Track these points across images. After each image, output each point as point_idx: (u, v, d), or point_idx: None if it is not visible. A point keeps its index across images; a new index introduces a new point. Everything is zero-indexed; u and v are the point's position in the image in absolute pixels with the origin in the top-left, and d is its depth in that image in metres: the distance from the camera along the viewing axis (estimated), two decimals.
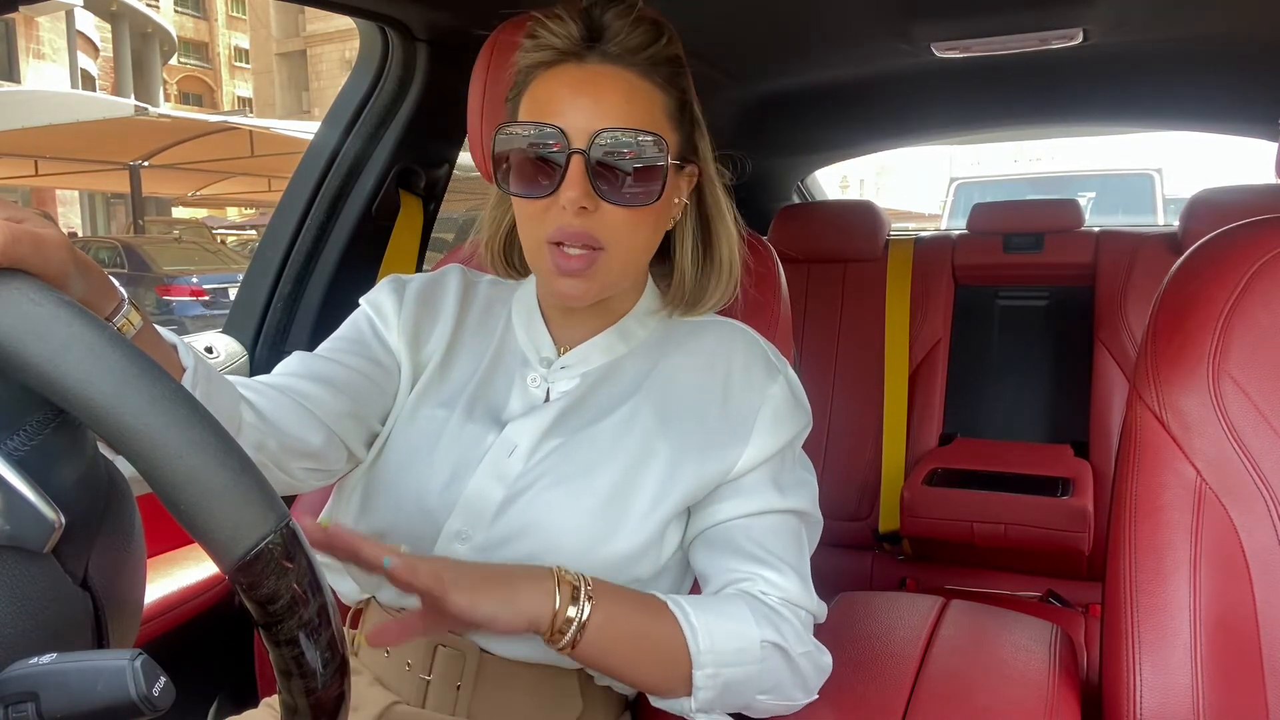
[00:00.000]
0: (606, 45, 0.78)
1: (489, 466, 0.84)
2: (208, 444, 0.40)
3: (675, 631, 0.74)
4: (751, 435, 0.82)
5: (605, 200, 0.76)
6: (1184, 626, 0.81)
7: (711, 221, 0.88)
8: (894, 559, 2.17)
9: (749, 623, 0.76)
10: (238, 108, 33.28)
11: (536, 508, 0.80)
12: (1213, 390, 0.84)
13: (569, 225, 0.76)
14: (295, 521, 0.42)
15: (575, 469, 0.82)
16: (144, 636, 1.13)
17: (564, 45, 0.78)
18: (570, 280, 0.79)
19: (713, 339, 0.89)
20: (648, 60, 0.79)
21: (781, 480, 0.84)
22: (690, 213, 0.87)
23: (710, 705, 0.76)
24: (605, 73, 0.78)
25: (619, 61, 0.78)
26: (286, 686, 0.43)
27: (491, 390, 0.89)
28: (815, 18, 1.58)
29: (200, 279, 10.84)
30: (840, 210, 2.46)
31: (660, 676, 0.75)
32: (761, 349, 0.88)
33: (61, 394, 0.39)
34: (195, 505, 0.40)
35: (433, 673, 0.83)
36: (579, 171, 0.75)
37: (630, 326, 0.90)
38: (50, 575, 0.41)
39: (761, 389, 0.84)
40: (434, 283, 0.96)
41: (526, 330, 0.91)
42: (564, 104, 0.77)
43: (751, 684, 0.77)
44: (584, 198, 0.75)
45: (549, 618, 0.70)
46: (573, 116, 0.76)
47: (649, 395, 0.85)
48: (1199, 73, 1.90)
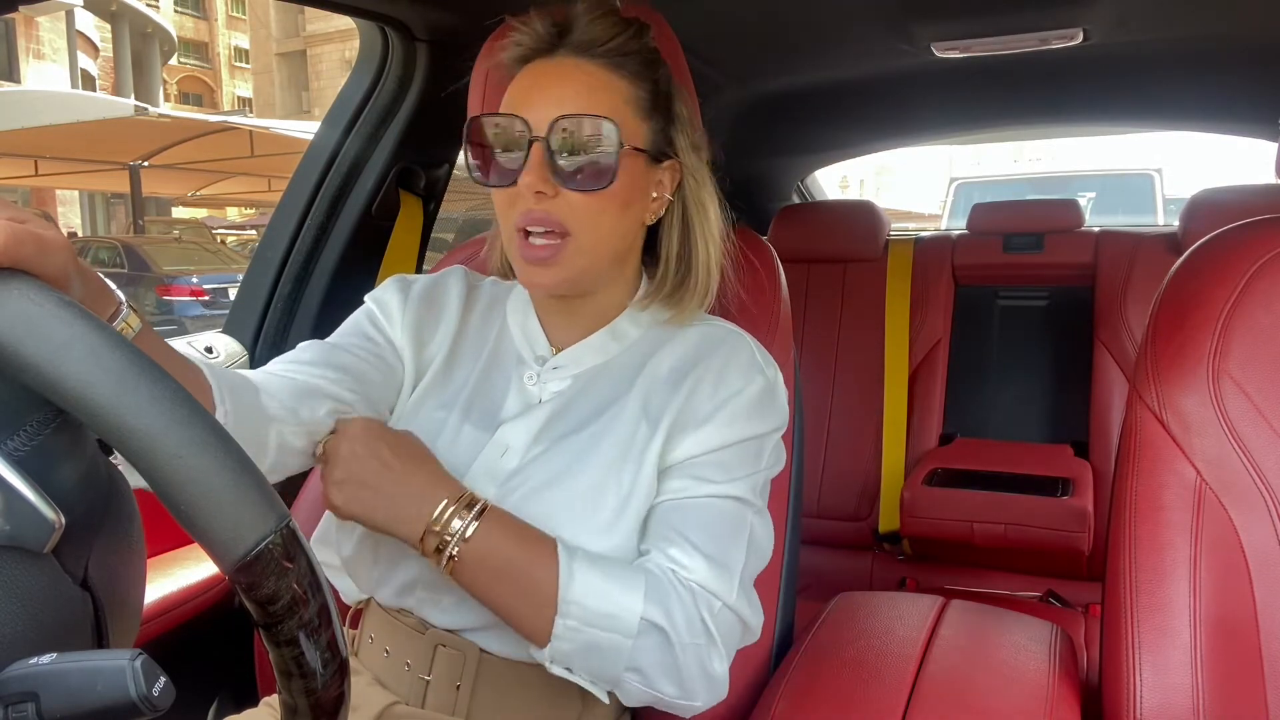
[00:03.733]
0: (572, 39, 0.81)
1: (482, 467, 0.84)
2: (207, 444, 0.40)
3: (553, 575, 0.74)
4: (706, 424, 0.82)
5: (564, 186, 0.79)
6: (1184, 626, 0.81)
7: (690, 221, 0.88)
8: (894, 559, 2.17)
9: (636, 593, 0.75)
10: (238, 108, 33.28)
11: (528, 508, 0.80)
12: (1212, 390, 0.84)
13: (531, 210, 0.79)
14: (295, 521, 0.42)
15: (566, 469, 0.82)
16: (144, 636, 1.13)
17: (533, 42, 0.82)
18: (537, 268, 0.81)
19: (699, 338, 0.89)
20: (613, 51, 0.81)
21: (729, 465, 0.82)
22: (676, 210, 0.88)
23: (567, 659, 0.75)
24: (568, 65, 0.81)
25: (583, 53, 0.81)
26: (286, 686, 0.43)
27: (489, 390, 0.90)
28: (815, 18, 1.58)
29: (200, 279, 10.83)
30: (840, 210, 2.46)
31: (524, 613, 0.75)
32: (748, 350, 0.87)
33: (61, 394, 0.39)
34: (195, 505, 0.40)
35: (432, 673, 0.83)
36: (538, 158, 0.78)
37: (623, 326, 0.90)
38: (50, 575, 0.41)
39: (731, 384, 0.84)
40: (437, 284, 0.97)
41: (522, 329, 0.93)
42: (531, 96, 0.80)
43: (619, 656, 0.74)
44: (541, 182, 0.78)
45: (423, 525, 0.73)
46: (536, 107, 0.79)
47: (640, 397, 0.86)
48: (1199, 73, 1.91)
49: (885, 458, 2.17)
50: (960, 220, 2.93)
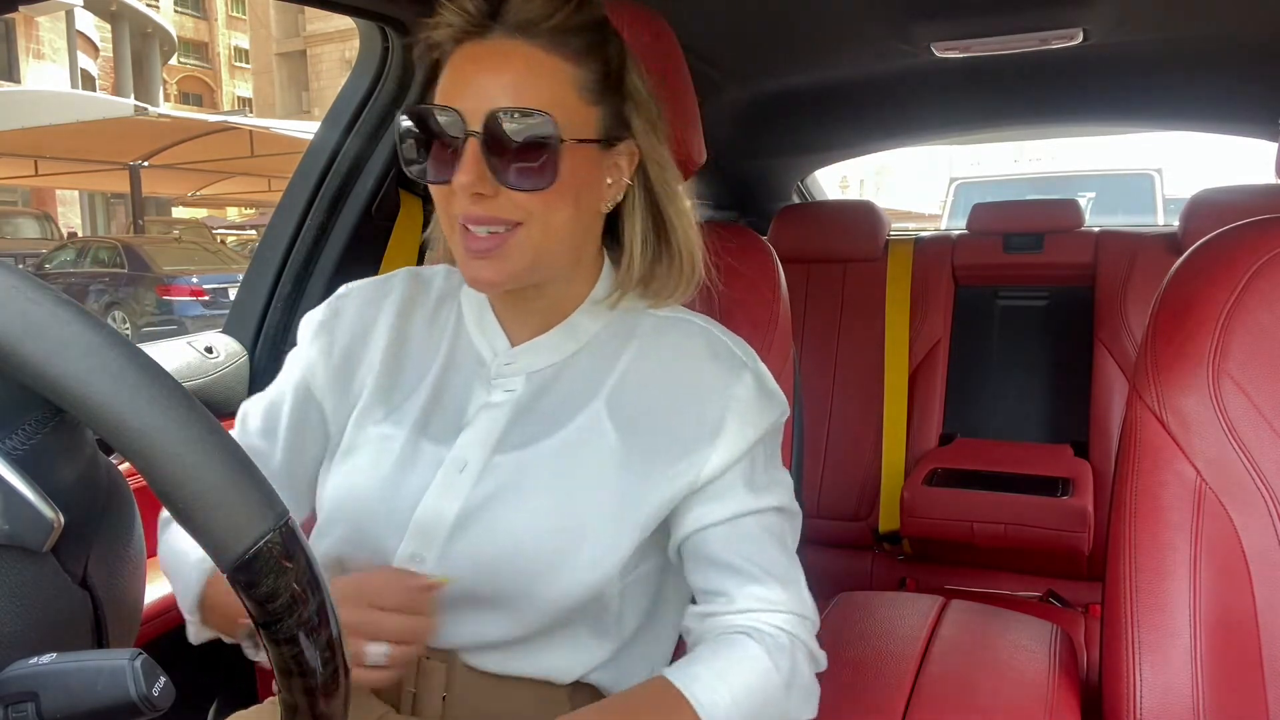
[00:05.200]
0: (507, 18, 0.73)
1: (440, 484, 0.79)
2: (206, 442, 0.40)
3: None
4: (718, 439, 0.77)
5: (503, 185, 0.72)
6: (1184, 626, 0.80)
7: (660, 203, 0.82)
8: (894, 559, 2.17)
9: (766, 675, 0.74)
10: (238, 108, 33.26)
11: (493, 527, 0.76)
12: (1212, 390, 0.84)
13: (470, 212, 0.73)
14: (293, 519, 0.42)
15: (533, 484, 0.77)
16: (144, 636, 1.13)
17: (464, 22, 0.73)
18: (481, 262, 0.74)
19: (673, 339, 0.83)
20: (553, 30, 0.73)
21: (755, 480, 0.79)
22: (637, 194, 0.81)
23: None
24: (504, 47, 0.72)
25: (520, 34, 0.72)
26: (286, 685, 0.43)
27: (448, 398, 0.83)
28: (815, 18, 1.58)
29: (200, 279, 10.83)
30: (840, 210, 2.46)
31: None
32: (725, 345, 0.82)
33: (59, 393, 0.39)
34: (193, 503, 0.39)
35: (418, 685, 0.82)
36: (473, 155, 0.71)
37: (579, 321, 0.83)
38: (49, 574, 0.41)
39: (725, 389, 0.79)
40: (375, 295, 0.90)
41: (479, 326, 0.86)
42: (464, 84, 0.73)
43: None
44: (479, 183, 0.71)
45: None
46: (470, 97, 0.72)
47: (610, 402, 0.80)
48: (1199, 73, 1.90)
49: (885, 458, 2.17)
50: (960, 220, 2.93)
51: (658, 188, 0.81)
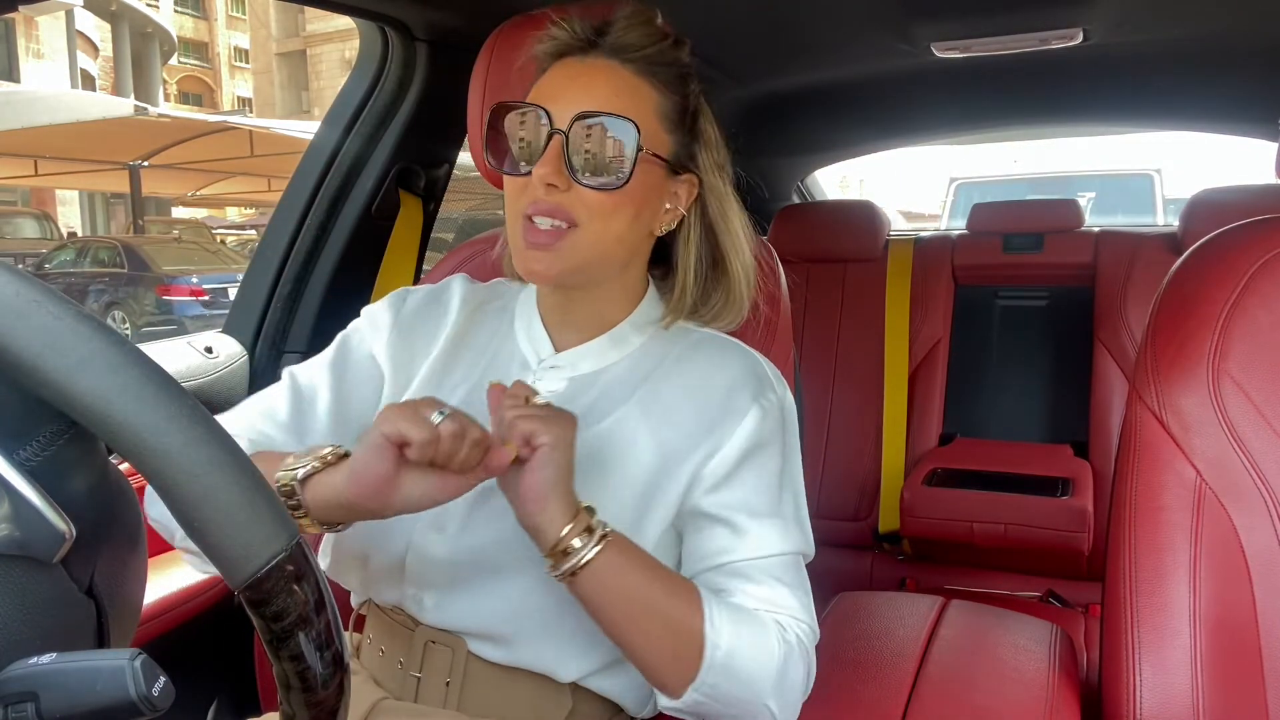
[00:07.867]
0: (606, 41, 0.82)
1: None
2: (224, 463, 0.40)
3: (695, 624, 0.74)
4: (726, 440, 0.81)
5: (576, 181, 0.78)
6: (1184, 627, 0.81)
7: (717, 235, 0.87)
8: (894, 559, 2.17)
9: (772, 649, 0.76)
10: (238, 108, 33.27)
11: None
12: (1212, 390, 0.84)
13: (540, 200, 0.79)
14: (304, 539, 0.43)
15: None
16: (144, 636, 1.13)
17: (569, 39, 0.83)
18: (537, 253, 0.80)
19: (708, 354, 0.87)
20: (646, 59, 0.82)
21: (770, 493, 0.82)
22: (694, 224, 0.87)
23: (695, 709, 0.76)
24: (600, 65, 0.81)
25: (616, 56, 0.81)
26: (287, 698, 0.43)
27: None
28: (815, 18, 1.58)
29: (200, 279, 10.82)
30: (840, 210, 2.46)
31: (658, 660, 0.75)
32: (760, 370, 0.86)
33: (79, 410, 0.39)
34: (209, 523, 0.40)
35: (423, 670, 0.84)
36: (555, 151, 0.78)
37: (624, 333, 0.88)
38: (57, 584, 0.41)
39: (743, 409, 0.83)
40: (437, 293, 0.96)
41: (526, 332, 0.91)
42: (559, 90, 0.81)
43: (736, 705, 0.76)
44: (554, 175, 0.77)
45: (551, 540, 0.72)
46: (562, 101, 0.79)
47: (639, 407, 0.84)
48: (1199, 73, 1.91)
49: (885, 458, 2.17)
50: (960, 220, 2.93)
51: (717, 222, 0.87)
